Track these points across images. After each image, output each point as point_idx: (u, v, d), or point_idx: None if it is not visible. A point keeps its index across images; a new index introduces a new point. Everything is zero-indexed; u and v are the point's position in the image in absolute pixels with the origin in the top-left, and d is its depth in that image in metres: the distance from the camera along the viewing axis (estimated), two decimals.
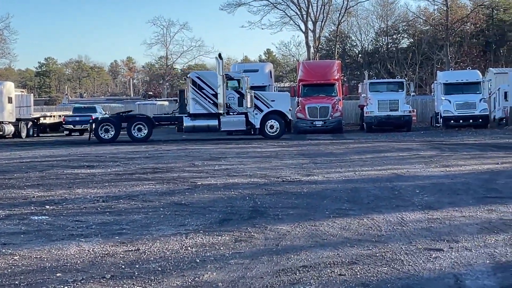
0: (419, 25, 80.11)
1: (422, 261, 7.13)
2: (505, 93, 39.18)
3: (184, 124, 32.13)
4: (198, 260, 7.34)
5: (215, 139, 32.07)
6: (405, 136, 32.52)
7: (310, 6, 64.77)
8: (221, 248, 7.94)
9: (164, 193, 12.57)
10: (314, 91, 37.53)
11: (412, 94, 41.11)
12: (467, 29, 75.99)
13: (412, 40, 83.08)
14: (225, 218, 9.88)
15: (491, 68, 56.63)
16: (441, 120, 38.08)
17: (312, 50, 65.28)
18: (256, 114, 32.02)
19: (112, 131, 32.23)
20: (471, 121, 36.91)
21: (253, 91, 32.67)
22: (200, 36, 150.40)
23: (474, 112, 36.86)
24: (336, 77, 39.60)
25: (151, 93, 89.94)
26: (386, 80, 47.26)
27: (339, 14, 67.92)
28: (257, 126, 32.10)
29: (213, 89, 31.60)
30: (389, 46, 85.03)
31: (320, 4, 65.17)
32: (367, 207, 10.66)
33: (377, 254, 7.47)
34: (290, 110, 32.76)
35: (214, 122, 31.73)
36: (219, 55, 31.96)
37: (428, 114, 47.78)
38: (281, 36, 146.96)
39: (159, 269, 7.00)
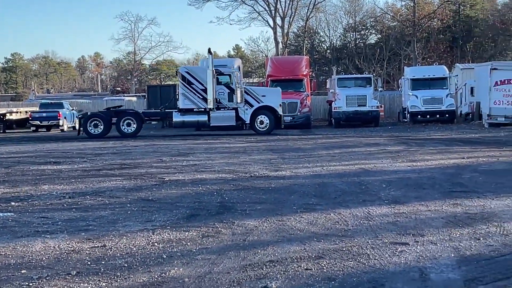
0: (387, 21, 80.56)
1: (388, 255, 7.18)
2: (471, 88, 39.52)
3: (174, 120, 31.75)
4: (164, 256, 7.31)
5: (184, 135, 31.90)
6: (372, 131, 32.71)
7: (279, 1, 64.85)
8: (188, 243, 7.92)
9: (131, 189, 12.51)
10: (282, 87, 37.34)
11: (380, 89, 41.31)
12: (434, 25, 76.57)
13: (380, 36, 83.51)
14: (192, 214, 9.85)
15: (457, 64, 57.07)
16: (408, 115, 38.35)
17: (280, 45, 65.31)
18: (247, 109, 31.70)
19: (101, 126, 31.96)
20: (437, 116, 37.20)
21: (243, 86, 32.49)
22: (168, 31, 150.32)
23: (440, 108, 37.16)
24: (304, 73, 39.70)
25: (119, 89, 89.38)
26: (354, 75, 47.45)
27: (307, 9, 68.10)
28: (247, 121, 31.80)
29: (202, 84, 31.25)
30: (357, 42, 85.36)
31: (289, 0, 65.22)
32: (334, 202, 10.71)
33: (344, 249, 7.51)
34: (281, 105, 32.31)
35: (204, 118, 31.41)
36: (209, 50, 31.74)
37: (395, 109, 48.08)
38: (250, 31, 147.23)
39: (125, 265, 6.97)
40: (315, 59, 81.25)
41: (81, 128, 32.54)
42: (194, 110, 31.48)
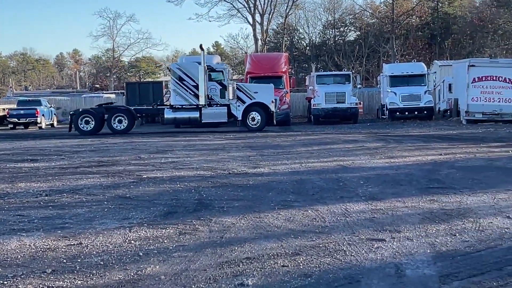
0: (366, 18, 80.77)
1: (364, 251, 7.21)
2: (449, 85, 39.79)
3: (165, 116, 31.53)
4: (141, 254, 7.29)
5: (164, 132, 31.74)
6: (351, 128, 32.78)
7: None
8: (165, 241, 7.90)
9: (108, 187, 12.45)
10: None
11: (359, 86, 41.46)
12: (412, 22, 76.91)
13: (359, 33, 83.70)
14: (170, 211, 9.83)
15: (436, 61, 57.56)
16: (387, 112, 38.46)
17: (260, 42, 65.28)
18: (239, 106, 31.50)
19: (93, 122, 31.72)
20: (416, 113, 37.36)
21: (235, 83, 32.20)
22: (147, 28, 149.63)
23: (419, 104, 37.32)
24: (283, 70, 39.70)
25: (98, 86, 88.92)
26: (333, 72, 47.50)
27: (287, 6, 68.00)
28: (239, 118, 31.62)
29: (194, 81, 30.98)
30: (336, 39, 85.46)
31: None
32: (312, 199, 10.73)
33: (321, 245, 7.53)
34: (273, 102, 32.01)
35: (195, 114, 31.13)
36: (201, 46, 31.55)
37: (374, 106, 48.22)
38: (229, 28, 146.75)
39: (101, 263, 6.94)
40: (294, 56, 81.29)
41: (72, 125, 32.23)
42: (186, 106, 31.30)
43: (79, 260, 7.06)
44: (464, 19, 78.99)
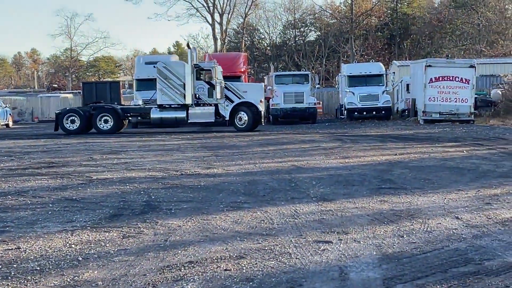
0: (326, 18, 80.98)
1: (310, 254, 7.08)
2: (407, 85, 40.05)
3: (151, 116, 30.92)
4: (80, 258, 7.06)
5: (120, 132, 31.33)
6: (310, 128, 32.79)
7: None
8: (107, 245, 7.68)
9: (56, 189, 12.15)
10: None
11: (317, 86, 41.52)
12: (371, 22, 77.35)
13: (319, 33, 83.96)
14: (116, 214, 9.59)
15: (394, 61, 57.97)
16: (345, 112, 38.57)
17: (219, 42, 65.08)
18: (227, 105, 30.89)
19: (78, 122, 31.13)
20: (374, 113, 37.52)
21: (223, 82, 31.35)
22: (106, 28, 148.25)
23: (377, 104, 37.50)
24: (242, 69, 39.60)
25: (56, 85, 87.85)
26: (292, 72, 47.51)
27: (246, 6, 67.90)
28: (227, 118, 30.95)
29: (180, 80, 30.39)
30: (296, 39, 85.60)
31: None
32: (262, 200, 10.58)
33: (266, 248, 7.38)
34: (262, 101, 31.47)
35: (182, 114, 30.55)
36: (188, 44, 31.18)
37: (334, 106, 48.35)
38: (189, 28, 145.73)
39: (38, 268, 6.70)
40: (255, 56, 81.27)
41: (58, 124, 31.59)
42: (173, 106, 30.71)
43: (15, 266, 6.80)
44: (422, 20, 79.70)
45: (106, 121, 31.30)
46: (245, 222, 8.87)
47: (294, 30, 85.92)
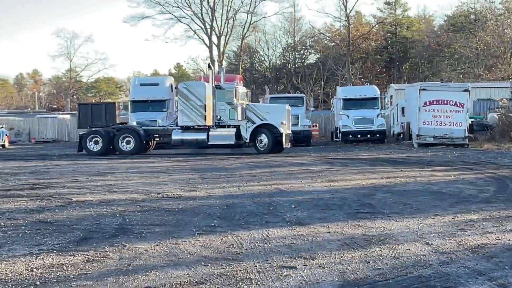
0: (326, 41, 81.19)
1: (271, 280, 6.99)
2: (403, 108, 40.02)
3: (172, 137, 30.64)
4: (38, 283, 6.98)
5: (112, 154, 31.23)
6: (303, 150, 32.71)
7: (215, 20, 64.73)
8: (69, 269, 7.59)
9: (33, 211, 12.08)
10: None
11: (312, 109, 41.57)
12: (368, 46, 77.58)
13: (319, 55, 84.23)
14: (86, 237, 9.51)
15: (392, 84, 57.90)
16: (340, 135, 38.56)
17: (216, 64, 65.17)
18: (249, 127, 30.24)
19: (101, 143, 31.02)
20: (368, 136, 37.53)
21: (245, 103, 30.94)
22: (105, 49, 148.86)
23: (371, 127, 37.51)
24: None
25: (55, 106, 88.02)
26: (286, 95, 47.55)
27: (243, 28, 68.12)
28: (247, 139, 30.35)
29: (201, 101, 30.14)
30: (296, 62, 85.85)
31: (225, 19, 65.18)
32: (236, 224, 10.50)
33: (229, 273, 7.30)
34: (284, 123, 30.35)
35: (203, 136, 30.08)
36: (209, 65, 31.05)
37: (330, 129, 48.34)
38: (189, 50, 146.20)
39: None
40: (254, 78, 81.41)
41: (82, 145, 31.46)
42: (194, 127, 30.40)
43: None
44: (421, 43, 80.00)
45: (128, 142, 31.16)
46: (214, 246, 8.79)
47: (294, 53, 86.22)
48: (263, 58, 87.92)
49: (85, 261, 8.00)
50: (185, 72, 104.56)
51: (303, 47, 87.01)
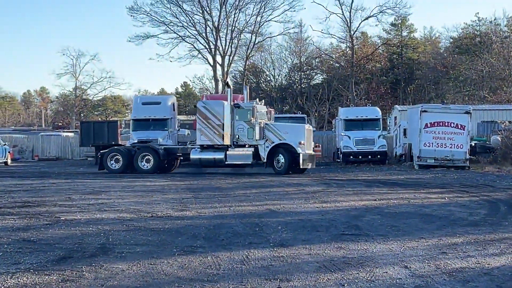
0: (331, 62, 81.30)
1: None
2: (404, 130, 39.97)
3: (191, 156, 30.35)
4: None
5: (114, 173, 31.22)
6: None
7: (219, 40, 64.94)
8: None
9: (19, 229, 12.07)
10: None
11: (314, 129, 41.48)
12: (373, 67, 77.73)
13: (325, 75, 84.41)
14: (65, 256, 9.49)
15: (396, 106, 57.97)
16: (341, 156, 38.52)
17: (220, 84, 65.37)
18: (268, 146, 29.46)
19: (121, 161, 31.07)
20: (369, 157, 37.47)
21: (264, 122, 30.08)
22: (113, 67, 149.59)
23: (372, 148, 37.48)
24: None
25: (60, 124, 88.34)
26: (288, 115, 47.57)
27: (247, 48, 68.29)
28: (265, 159, 29.53)
29: (219, 119, 29.76)
30: (302, 82, 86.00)
31: (229, 38, 65.42)
32: (219, 244, 10.46)
33: None
34: (301, 144, 29.31)
35: (221, 155, 29.57)
36: (227, 83, 30.84)
37: (333, 149, 48.27)
38: (195, 69, 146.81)
39: None
40: (260, 98, 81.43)
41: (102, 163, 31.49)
42: (214, 146, 29.98)
43: None
44: (427, 65, 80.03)
45: (148, 161, 31.00)
46: (192, 267, 8.76)
47: (300, 73, 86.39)
48: (269, 78, 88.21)
49: (60, 280, 7.99)
50: (192, 91, 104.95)
51: (309, 67, 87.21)
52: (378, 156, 37.62)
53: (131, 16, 64.30)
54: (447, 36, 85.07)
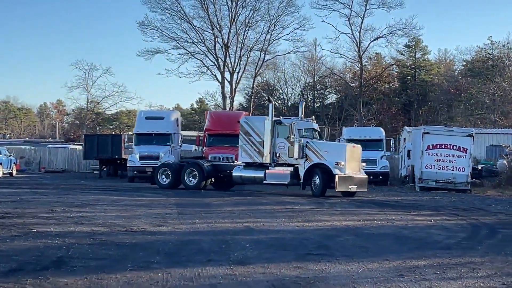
0: (344, 81, 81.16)
1: None
2: (408, 151, 39.73)
3: (233, 174, 29.19)
4: None
5: (115, 186, 31.18)
6: (303, 190, 31.09)
7: (228, 56, 64.96)
8: None
9: None
10: (219, 141, 37.15)
11: None
12: (381, 87, 77.63)
13: (338, 95, 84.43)
14: (16, 268, 9.42)
15: (405, 127, 57.70)
16: None
17: (227, 100, 65.37)
18: (307, 166, 27.43)
19: (171, 176, 30.32)
20: (371, 177, 37.00)
21: (305, 140, 27.77)
22: (128, 83, 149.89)
23: (374, 169, 37.20)
24: None
25: (72, 136, 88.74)
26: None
27: (256, 66, 68.32)
28: (301, 180, 27.40)
29: (260, 136, 28.33)
30: (315, 101, 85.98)
31: (238, 56, 65.41)
32: (177, 261, 10.34)
33: None
34: (339, 164, 26.62)
35: (261, 174, 28.09)
36: (269, 98, 30.39)
37: None
38: (206, 85, 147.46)
39: None
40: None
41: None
42: (254, 164, 28.64)
43: None
44: (440, 87, 79.77)
45: (194, 177, 29.83)
46: (138, 283, 8.66)
47: (313, 92, 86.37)
48: (282, 96, 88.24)
49: None
50: (207, 107, 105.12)
51: (322, 87, 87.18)
52: (380, 177, 37.39)
53: (142, 31, 64.48)
54: (460, 58, 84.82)
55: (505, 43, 73.67)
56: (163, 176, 30.53)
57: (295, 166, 27.69)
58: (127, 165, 37.20)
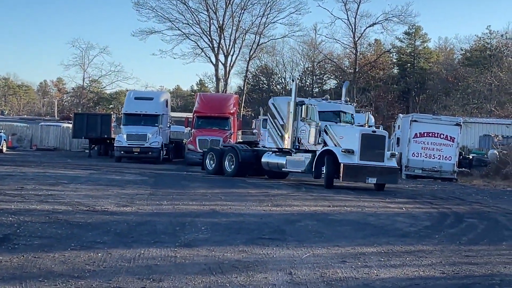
0: (338, 67, 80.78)
1: None
2: (398, 139, 39.51)
3: (262, 160, 27.21)
4: None
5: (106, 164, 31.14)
6: (293, 175, 29.47)
7: (223, 39, 64.76)
8: None
9: None
10: (207, 124, 37.21)
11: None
12: (375, 74, 77.37)
13: (337, 81, 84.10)
14: None
15: (400, 114, 57.44)
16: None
17: (221, 82, 65.17)
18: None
19: (214, 162, 28.82)
20: None
21: (323, 123, 24.90)
22: (127, 63, 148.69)
23: None
24: (231, 111, 39.19)
25: (67, 114, 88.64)
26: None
27: (250, 49, 68.06)
28: (313, 167, 24.54)
29: (283, 119, 26.14)
30: (314, 86, 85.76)
31: (233, 38, 65.21)
32: (123, 242, 10.27)
33: None
34: (347, 151, 23.47)
35: (283, 160, 25.92)
36: (293, 78, 28.98)
37: None
38: (203, 67, 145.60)
39: None
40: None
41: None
42: (284, 150, 26.28)
43: None
44: (438, 76, 79.45)
45: (232, 163, 28.07)
46: (73, 262, 8.60)
47: (312, 77, 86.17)
48: (281, 81, 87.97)
49: None
50: (206, 89, 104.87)
51: (321, 72, 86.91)
52: None
53: (137, 10, 64.36)
54: (458, 47, 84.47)
55: (504, 33, 73.35)
56: (211, 161, 29.16)
57: (314, 152, 24.98)
58: (114, 145, 37.12)
